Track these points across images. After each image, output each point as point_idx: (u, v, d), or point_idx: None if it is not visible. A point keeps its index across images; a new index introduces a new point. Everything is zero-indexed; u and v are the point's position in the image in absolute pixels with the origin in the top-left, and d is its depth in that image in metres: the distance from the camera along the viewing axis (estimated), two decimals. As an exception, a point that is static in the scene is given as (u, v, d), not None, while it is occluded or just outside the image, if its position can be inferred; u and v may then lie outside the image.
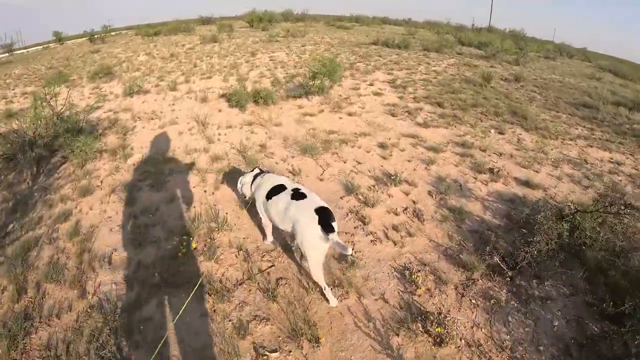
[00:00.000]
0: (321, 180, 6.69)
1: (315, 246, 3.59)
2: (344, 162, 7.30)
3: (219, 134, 8.61)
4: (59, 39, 35.01)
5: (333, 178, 6.78)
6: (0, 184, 7.65)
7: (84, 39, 31.20)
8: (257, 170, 4.91)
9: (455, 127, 9.16)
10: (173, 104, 10.96)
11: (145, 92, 12.37)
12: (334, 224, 3.54)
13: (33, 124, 7.80)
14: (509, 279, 4.52)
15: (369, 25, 35.07)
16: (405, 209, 5.95)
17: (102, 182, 6.93)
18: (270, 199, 4.18)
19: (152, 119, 9.85)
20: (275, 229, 4.80)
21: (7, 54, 33.51)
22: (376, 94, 11.61)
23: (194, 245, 4.76)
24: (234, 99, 9.83)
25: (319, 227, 3.48)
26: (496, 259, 4.60)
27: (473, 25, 36.86)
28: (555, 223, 4.71)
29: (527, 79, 14.45)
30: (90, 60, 20.71)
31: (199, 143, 8.21)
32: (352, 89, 12.03)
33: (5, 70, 22.71)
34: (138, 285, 4.53)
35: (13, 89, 16.25)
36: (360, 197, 6.19)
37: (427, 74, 14.69)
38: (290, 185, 4.24)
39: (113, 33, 34.98)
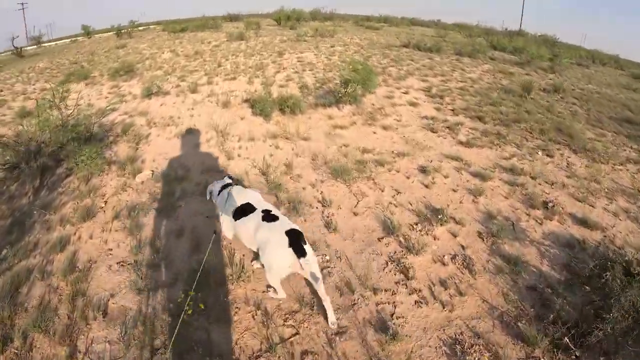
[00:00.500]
0: (355, 214, 5.70)
1: (280, 268, 3.52)
2: (381, 191, 6.30)
3: (240, 148, 7.75)
4: (87, 32, 34.82)
5: (369, 212, 5.79)
6: (2, 195, 6.95)
7: (111, 33, 30.67)
8: (226, 180, 4.60)
9: (500, 147, 8.04)
10: (192, 109, 10.15)
11: (165, 93, 11.62)
12: (307, 247, 3.44)
13: (39, 131, 7.01)
14: (574, 358, 3.54)
15: (398, 26, 33.78)
16: (454, 257, 4.93)
17: (106, 202, 6.13)
18: (239, 219, 3.97)
19: (169, 125, 9.05)
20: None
21: (36, 46, 33.48)
22: (412, 104, 10.53)
23: (201, 305, 3.81)
24: (258, 107, 8.93)
25: (289, 249, 3.37)
26: (561, 333, 3.67)
27: (506, 28, 35.02)
28: (627, 286, 3.74)
29: (566, 90, 13.11)
30: (115, 55, 20.18)
31: (217, 159, 7.26)
32: (385, 97, 10.97)
33: (30, 63, 22.42)
34: (135, 348, 3.71)
35: (34, 84, 15.82)
36: (401, 239, 5.18)
37: (462, 81, 13.52)
38: (259, 204, 4.03)
39: (141, 28, 34.58)
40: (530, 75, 15.74)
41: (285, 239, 3.44)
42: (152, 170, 6.80)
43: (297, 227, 3.62)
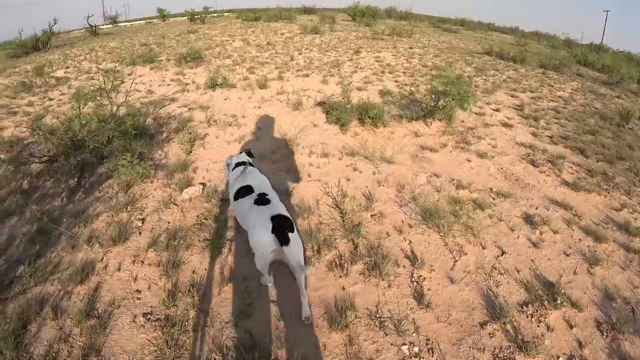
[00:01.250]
0: (452, 280, 4.19)
1: (262, 254, 3.29)
2: (483, 248, 4.74)
3: (310, 165, 6.40)
4: (162, 15, 34.89)
5: (468, 278, 4.26)
6: (36, 192, 6.01)
7: (185, 17, 30.39)
8: (243, 156, 4.42)
9: (608, 193, 6.28)
10: (259, 107, 8.98)
11: (231, 86, 10.56)
12: (292, 235, 3.17)
13: (79, 123, 5.99)
14: None
15: (475, 31, 31.44)
16: (571, 358, 3.35)
17: (144, 220, 4.98)
18: (237, 199, 3.83)
19: (230, 125, 7.94)
20: None
21: (111, 26, 33.87)
22: (505, 124, 8.81)
23: None
24: (335, 114, 7.54)
25: (272, 235, 3.13)
26: None
27: (591, 44, 31.37)
28: None
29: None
30: (185, 40, 19.57)
31: (284, 177, 6.02)
32: (476, 113, 9.26)
33: (102, 42, 22.30)
34: None
35: (100, 63, 15.22)
36: (509, 328, 3.69)
37: (553, 100, 11.53)
38: (260, 188, 3.82)
39: (215, 15, 34.16)
40: (621, 98, 13.44)
41: (270, 224, 3.19)
42: (203, 184, 5.59)
43: (285, 214, 3.41)
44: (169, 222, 4.98)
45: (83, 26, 30.33)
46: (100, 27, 33.11)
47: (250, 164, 4.34)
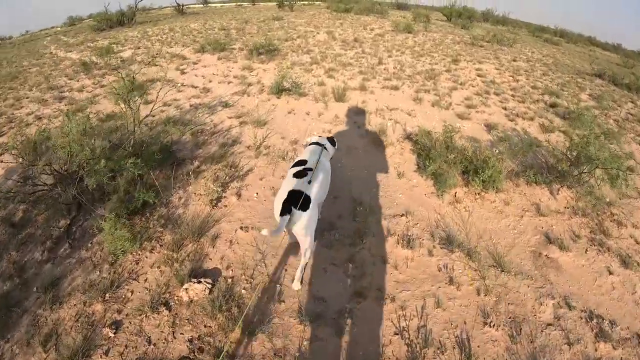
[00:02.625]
0: None
1: (276, 217, 3.33)
2: None
3: (393, 256, 4.24)
4: (253, -1, 33.78)
5: None
6: (26, 227, 4.68)
7: (274, 3, 28.87)
8: (324, 140, 4.49)
9: None
10: (329, 131, 6.84)
11: (300, 94, 8.58)
12: (298, 212, 3.27)
13: (69, 151, 4.30)
14: None
15: (576, 44, 27.09)
16: None
17: (118, 328, 3.19)
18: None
19: (285, 157, 5.99)
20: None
21: (202, 5, 33.22)
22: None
23: None
24: (431, 167, 5.32)
25: (281, 204, 3.28)
26: None
27: None
28: None
29: None
30: (267, 27, 18.00)
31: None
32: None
33: (185, 22, 21.26)
34: None
35: (171, 47, 13.92)
36: None
37: None
38: (311, 165, 3.84)
39: (305, 2, 32.42)
40: None
41: (285, 195, 3.34)
42: (212, 283, 3.61)
43: (306, 192, 3.37)
44: (149, 341, 3.11)
45: (171, 4, 29.78)
46: (190, 6, 32.59)
47: (325, 149, 4.36)
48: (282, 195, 3.38)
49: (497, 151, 6.16)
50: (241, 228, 4.55)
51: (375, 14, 23.70)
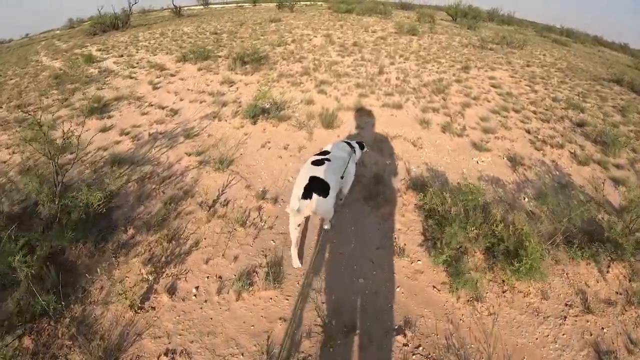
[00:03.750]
0: None
1: (293, 200, 3.36)
2: None
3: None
4: (254, 0, 31.68)
5: None
6: None
7: (275, 4, 26.89)
8: (355, 144, 4.52)
9: None
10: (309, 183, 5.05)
11: (280, 118, 6.73)
12: (317, 197, 3.33)
13: None
14: None
15: (584, 44, 24.81)
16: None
17: None
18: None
19: (246, 223, 4.14)
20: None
21: (202, 7, 31.34)
22: None
23: None
24: (444, 253, 3.46)
25: (302, 191, 3.31)
26: None
27: None
28: None
29: None
30: (261, 31, 16.12)
31: None
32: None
33: (179, 25, 19.32)
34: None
35: (155, 54, 12.12)
36: None
37: None
38: (332, 156, 3.91)
39: (307, 2, 30.36)
40: None
41: (305, 181, 3.38)
42: None
43: (325, 179, 3.45)
44: None
45: (167, 6, 27.88)
46: (192, 7, 30.74)
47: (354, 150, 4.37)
48: (301, 181, 3.38)
49: (531, 204, 4.24)
50: (165, 354, 2.78)
51: (378, 14, 21.63)
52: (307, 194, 3.29)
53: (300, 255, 3.89)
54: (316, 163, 3.66)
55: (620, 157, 6.62)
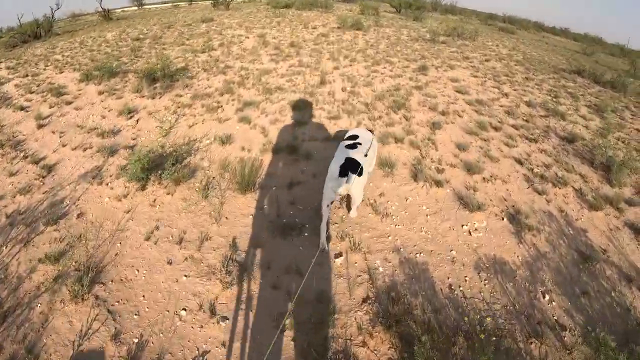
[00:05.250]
0: None
1: (330, 178, 3.37)
2: None
3: None
4: (191, -2, 27.92)
5: None
6: None
7: (211, 1, 23.37)
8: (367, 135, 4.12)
9: None
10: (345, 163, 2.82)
11: (178, 180, 4.07)
12: (351, 174, 3.25)
13: None
14: None
15: (528, 31, 23.11)
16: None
17: None
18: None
19: None
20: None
21: (135, 8, 27.29)
22: None
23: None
24: None
25: (338, 169, 3.31)
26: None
27: None
28: None
29: None
30: (189, 33, 12.93)
31: None
32: None
33: (103, 31, 15.85)
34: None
35: (62, 72, 8.94)
36: None
37: None
38: (361, 140, 3.82)
39: (247, -1, 26.97)
40: None
41: (342, 161, 3.36)
42: None
43: (359, 160, 3.39)
44: None
45: (95, 9, 23.70)
46: (124, 9, 26.67)
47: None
48: (338, 160, 3.37)
49: (554, 304, 2.20)
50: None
51: (318, 8, 18.74)
52: (343, 173, 3.24)
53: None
54: (350, 147, 3.57)
55: (624, 185, 4.69)
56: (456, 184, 4.36)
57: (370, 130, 4.36)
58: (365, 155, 3.59)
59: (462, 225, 3.78)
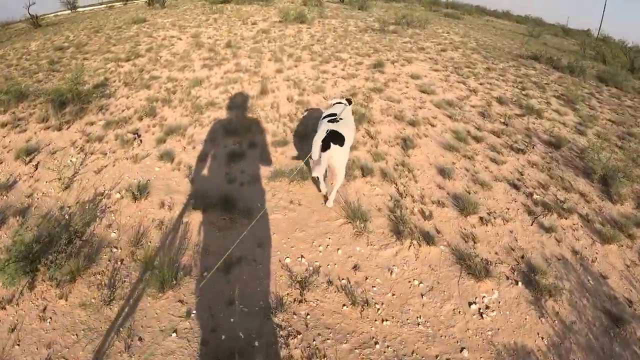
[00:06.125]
0: None
1: (313, 153, 3.16)
2: None
3: None
4: (126, -4, 24.89)
5: None
6: None
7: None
8: (343, 100, 4.00)
9: None
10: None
11: (73, 273, 2.68)
12: (336, 147, 3.07)
13: None
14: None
15: (472, 15, 22.30)
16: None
17: None
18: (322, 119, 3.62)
19: None
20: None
21: (69, 12, 24.05)
22: None
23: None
24: None
25: (321, 139, 3.11)
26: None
27: (607, 36, 20.37)
28: None
29: None
30: (118, 37, 10.78)
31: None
32: None
33: (28, 40, 13.25)
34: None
35: None
36: None
37: None
38: (341, 115, 3.55)
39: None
40: None
41: (324, 134, 3.13)
42: None
43: (341, 132, 3.18)
44: None
45: (23, 16, 20.38)
46: (57, 14, 23.40)
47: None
48: (321, 134, 3.15)
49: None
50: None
51: (259, 1, 16.84)
52: (325, 146, 3.07)
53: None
54: (332, 121, 3.33)
55: (625, 198, 3.87)
56: (450, 233, 3.09)
57: (347, 99, 4.06)
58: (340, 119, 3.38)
59: (470, 304, 2.53)
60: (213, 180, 3.71)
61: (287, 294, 2.55)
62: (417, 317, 2.46)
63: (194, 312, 2.44)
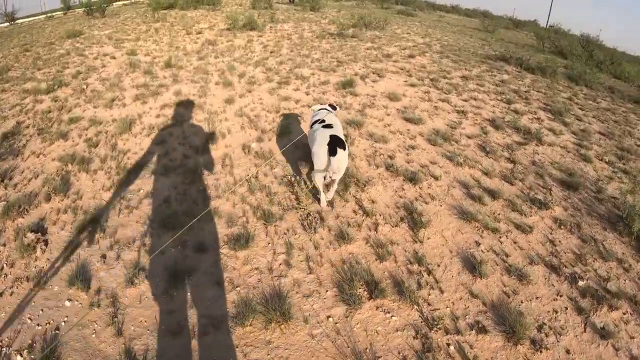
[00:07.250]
0: None
1: (318, 160, 2.96)
2: None
3: None
4: (67, 7, 21.54)
5: None
6: None
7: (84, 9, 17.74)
8: (326, 106, 3.76)
9: None
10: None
11: None
12: (340, 150, 2.89)
13: None
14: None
15: (423, 11, 20.99)
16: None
17: None
18: (312, 127, 3.46)
19: None
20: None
21: (7, 24, 20.55)
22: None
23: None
24: None
25: (326, 147, 2.91)
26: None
27: (558, 26, 19.49)
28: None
29: None
30: (46, 57, 8.59)
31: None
32: None
33: None
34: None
35: None
36: None
37: None
38: (329, 121, 3.38)
39: (126, 2, 21.54)
40: None
41: (327, 139, 2.96)
42: None
43: (341, 137, 3.08)
44: None
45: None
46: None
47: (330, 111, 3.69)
48: (325, 140, 2.95)
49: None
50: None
51: (205, 6, 14.67)
52: (332, 151, 2.87)
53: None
54: (327, 127, 3.20)
55: None
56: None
57: (331, 105, 3.77)
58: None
59: None
60: (150, 332, 2.18)
61: None
62: None
63: None
